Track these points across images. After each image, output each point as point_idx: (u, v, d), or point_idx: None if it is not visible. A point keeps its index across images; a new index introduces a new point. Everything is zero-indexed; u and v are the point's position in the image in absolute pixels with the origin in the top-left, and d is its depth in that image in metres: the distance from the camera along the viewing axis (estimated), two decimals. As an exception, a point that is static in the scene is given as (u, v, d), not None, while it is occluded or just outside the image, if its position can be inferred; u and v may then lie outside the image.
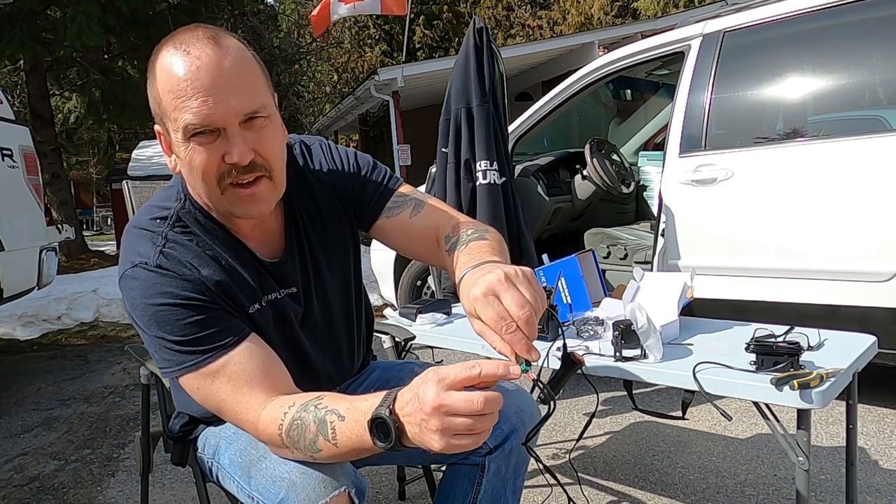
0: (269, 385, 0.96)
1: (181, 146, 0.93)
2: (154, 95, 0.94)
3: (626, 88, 4.50)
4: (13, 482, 2.42)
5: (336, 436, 0.85)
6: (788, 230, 2.44)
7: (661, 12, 17.49)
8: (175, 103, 0.90)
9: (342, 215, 1.17)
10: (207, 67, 0.90)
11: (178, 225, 1.01)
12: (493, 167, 2.64)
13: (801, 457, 1.21)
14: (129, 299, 0.98)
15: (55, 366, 4.15)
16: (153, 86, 0.94)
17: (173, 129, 0.93)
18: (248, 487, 1.01)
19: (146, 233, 1.00)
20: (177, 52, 0.91)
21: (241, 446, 1.07)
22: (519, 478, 1.27)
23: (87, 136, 19.06)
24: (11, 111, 3.83)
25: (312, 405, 0.89)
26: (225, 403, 0.96)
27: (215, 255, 1.01)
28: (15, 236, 3.47)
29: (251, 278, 1.04)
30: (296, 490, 0.92)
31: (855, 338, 1.49)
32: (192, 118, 0.90)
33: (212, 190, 0.95)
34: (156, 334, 0.96)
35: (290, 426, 0.89)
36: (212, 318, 0.96)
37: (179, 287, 0.96)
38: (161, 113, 0.94)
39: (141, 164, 12.04)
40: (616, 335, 1.40)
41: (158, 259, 0.97)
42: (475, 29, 2.71)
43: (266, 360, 0.98)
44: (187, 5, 10.66)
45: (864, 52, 2.43)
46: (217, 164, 0.93)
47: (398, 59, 20.28)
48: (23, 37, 8.18)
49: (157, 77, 0.93)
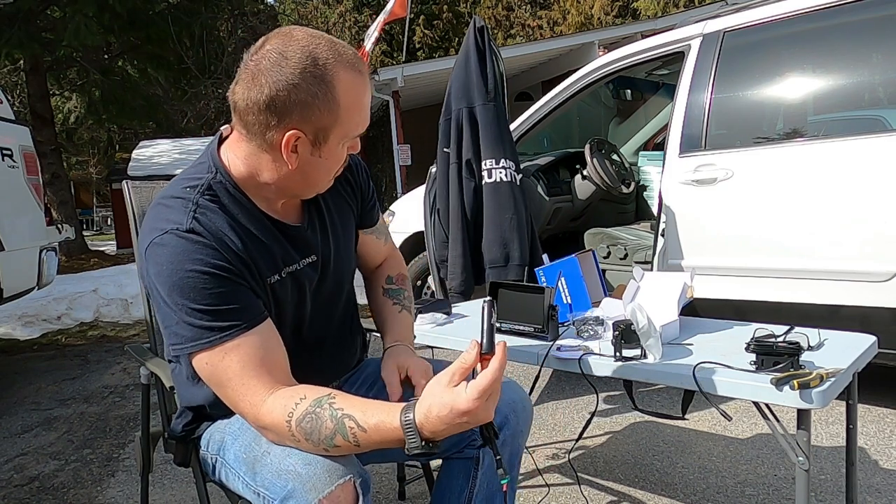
0: (277, 372, 1.01)
1: (336, 150, 1.05)
2: (327, 109, 1.00)
3: (626, 88, 4.50)
4: (13, 482, 2.42)
5: (358, 441, 0.94)
6: (788, 230, 2.44)
7: (661, 12, 17.50)
8: (356, 118, 1.04)
9: (351, 200, 1.30)
10: (368, 84, 1.06)
11: (209, 193, 1.07)
12: (498, 165, 2.63)
13: (801, 457, 1.21)
14: (154, 266, 1.01)
15: (55, 366, 4.15)
16: (329, 100, 1.00)
17: (338, 137, 1.03)
18: (254, 483, 1.03)
19: (177, 200, 1.05)
20: (352, 71, 1.02)
21: (245, 442, 1.08)
22: (514, 469, 1.30)
23: (87, 136, 19.06)
24: (11, 111, 3.83)
25: (327, 403, 0.96)
26: (231, 382, 1.00)
27: (242, 224, 1.07)
28: (15, 236, 3.47)
29: (274, 248, 1.10)
30: (302, 481, 0.94)
31: (855, 338, 1.49)
32: (363, 129, 1.07)
33: (326, 177, 1.11)
34: (179, 301, 0.99)
35: (303, 418, 0.95)
36: (237, 292, 1.01)
37: (210, 255, 1.00)
38: (334, 124, 1.02)
39: (141, 164, 12.02)
40: (616, 335, 1.40)
41: (191, 223, 1.02)
42: (475, 28, 2.71)
43: (277, 347, 1.04)
44: (187, 5, 10.65)
45: (864, 52, 2.43)
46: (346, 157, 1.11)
47: (398, 59, 20.28)
48: (22, 37, 8.18)
49: (339, 95, 1.00)
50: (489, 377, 0.89)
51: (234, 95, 1.02)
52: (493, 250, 2.63)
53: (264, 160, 1.06)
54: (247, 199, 1.09)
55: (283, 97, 0.97)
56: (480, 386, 0.88)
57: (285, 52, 0.98)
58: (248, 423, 1.04)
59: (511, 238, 2.61)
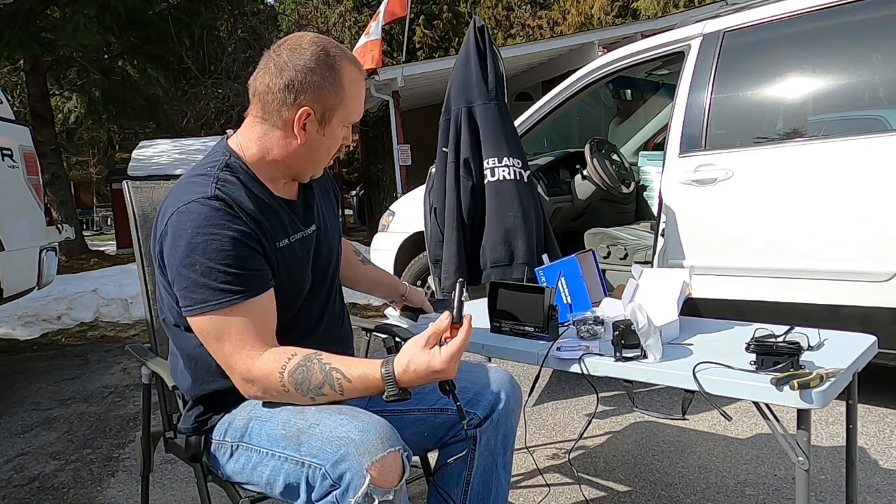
0: (270, 334, 1.17)
1: (338, 130, 1.24)
2: (336, 93, 1.20)
3: (626, 88, 4.50)
4: (13, 482, 2.42)
5: (343, 390, 1.10)
6: (788, 230, 2.44)
7: (661, 12, 17.49)
8: (357, 105, 1.24)
9: (332, 195, 1.49)
10: (364, 86, 1.28)
11: (227, 169, 1.22)
12: (501, 164, 2.62)
13: (801, 457, 1.21)
14: (177, 231, 1.13)
15: (55, 366, 4.15)
16: (338, 86, 1.20)
17: (340, 119, 1.23)
18: (298, 454, 1.10)
19: (199, 177, 1.20)
20: (356, 66, 1.24)
21: (282, 420, 1.16)
22: (508, 451, 1.39)
23: (87, 136, 19.03)
24: (11, 111, 3.83)
25: (315, 359, 1.12)
26: (231, 337, 1.13)
27: (255, 195, 1.22)
28: (15, 236, 3.47)
29: (283, 217, 1.26)
30: (356, 445, 1.04)
31: (855, 338, 1.49)
32: (359, 116, 1.26)
33: (326, 156, 1.27)
34: (199, 261, 1.11)
35: (295, 369, 1.11)
36: (253, 258, 1.15)
37: (232, 221, 1.14)
38: (339, 106, 1.21)
39: (141, 164, 12.01)
40: (616, 335, 1.39)
41: (215, 191, 1.16)
42: (475, 28, 2.71)
43: (273, 313, 1.19)
44: (187, 5, 10.65)
45: (864, 52, 2.43)
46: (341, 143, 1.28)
47: (398, 59, 20.27)
48: (21, 37, 8.17)
49: (346, 82, 1.21)
50: (458, 343, 1.08)
51: (255, 82, 1.21)
52: (497, 249, 2.61)
53: (276, 137, 1.22)
54: (256, 178, 1.24)
55: (300, 79, 1.17)
56: (452, 349, 1.08)
57: (302, 45, 1.19)
58: (234, 376, 1.15)
59: (515, 236, 2.58)
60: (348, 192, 18.27)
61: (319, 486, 1.05)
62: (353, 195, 17.52)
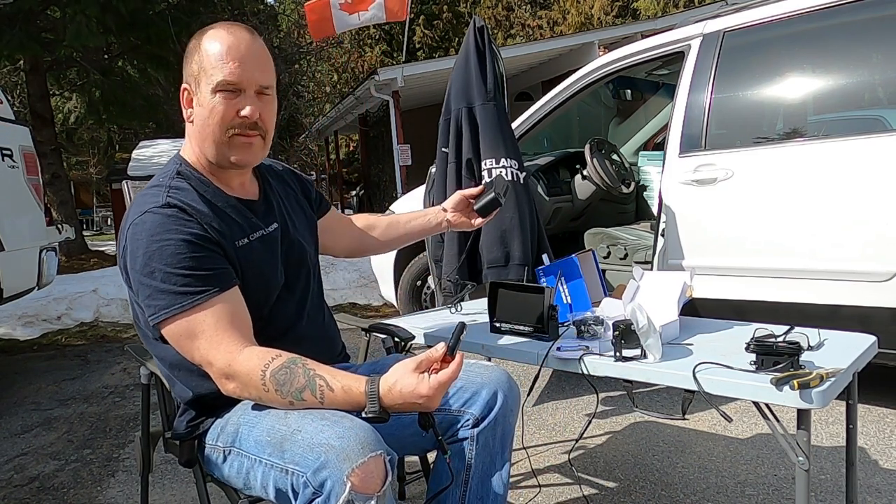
0: (246, 332, 1.16)
1: (208, 97, 1.19)
2: (196, 59, 1.21)
3: (626, 88, 4.49)
4: (13, 482, 2.42)
5: (324, 398, 1.09)
6: (788, 230, 2.44)
7: (661, 12, 17.50)
8: (216, 63, 1.18)
9: (299, 193, 1.50)
10: (245, 43, 1.21)
11: (179, 177, 1.24)
12: (498, 165, 2.62)
13: (801, 457, 1.21)
14: (134, 242, 1.14)
15: (55, 366, 4.15)
16: (197, 51, 1.21)
17: (206, 83, 1.19)
18: (282, 461, 1.09)
19: (153, 189, 1.21)
20: (223, 30, 1.21)
21: (266, 426, 1.14)
22: (506, 451, 1.37)
23: (87, 136, 19.05)
24: (11, 111, 3.83)
25: (300, 363, 1.11)
26: (205, 334, 1.12)
27: (208, 199, 1.23)
28: (15, 236, 3.47)
29: (239, 217, 1.26)
30: (336, 452, 1.02)
31: (855, 338, 1.49)
32: (228, 76, 1.19)
33: (222, 133, 1.21)
34: (156, 268, 1.11)
35: (279, 370, 1.10)
36: (211, 258, 1.15)
37: (184, 225, 1.14)
38: (200, 70, 1.20)
39: (141, 164, 12.02)
40: (616, 335, 1.39)
41: (167, 199, 1.16)
42: (475, 28, 2.71)
43: (245, 311, 1.18)
44: (187, 5, 10.64)
45: (864, 52, 2.43)
46: (232, 115, 1.20)
47: (398, 59, 20.28)
48: (22, 37, 8.17)
49: (203, 44, 1.20)
50: (448, 374, 1.07)
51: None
52: (494, 250, 2.61)
53: (190, 131, 1.26)
54: (209, 181, 1.26)
55: (183, 63, 1.24)
56: (442, 378, 1.06)
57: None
58: (213, 371, 1.13)
59: (512, 237, 2.59)
60: (348, 192, 18.27)
61: (303, 494, 1.04)
62: (353, 195, 17.51)
